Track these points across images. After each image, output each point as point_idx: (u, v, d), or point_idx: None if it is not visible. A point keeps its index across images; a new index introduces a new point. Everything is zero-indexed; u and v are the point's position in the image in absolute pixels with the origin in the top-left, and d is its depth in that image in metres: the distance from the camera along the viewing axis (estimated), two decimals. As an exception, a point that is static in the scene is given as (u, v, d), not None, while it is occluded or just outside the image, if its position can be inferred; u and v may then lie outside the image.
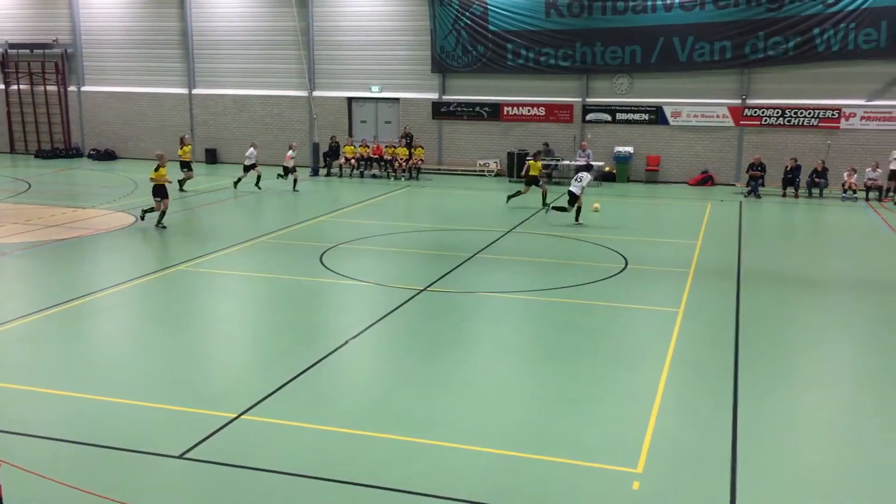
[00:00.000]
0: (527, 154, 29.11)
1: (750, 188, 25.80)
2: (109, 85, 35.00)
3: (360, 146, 30.12)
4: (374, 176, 29.83)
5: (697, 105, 28.37)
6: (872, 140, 26.52)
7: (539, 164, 22.96)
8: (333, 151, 30.59)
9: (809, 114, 27.22)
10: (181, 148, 25.69)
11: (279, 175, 26.26)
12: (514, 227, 20.00)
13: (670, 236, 19.35)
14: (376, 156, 29.96)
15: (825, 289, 14.79)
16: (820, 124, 27.14)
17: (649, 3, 27.81)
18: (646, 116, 29.00)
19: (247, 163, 25.53)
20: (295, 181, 25.81)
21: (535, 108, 30.18)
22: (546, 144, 29.34)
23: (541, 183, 22.85)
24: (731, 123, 28.13)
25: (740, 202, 24.52)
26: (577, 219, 20.42)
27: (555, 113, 29.98)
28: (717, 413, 9.08)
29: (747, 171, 26.32)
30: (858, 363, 11.11)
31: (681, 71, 28.23)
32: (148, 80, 34.36)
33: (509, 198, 23.03)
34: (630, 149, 28.97)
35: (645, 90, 28.92)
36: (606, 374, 10.30)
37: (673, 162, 28.98)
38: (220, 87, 33.55)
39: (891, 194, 24.99)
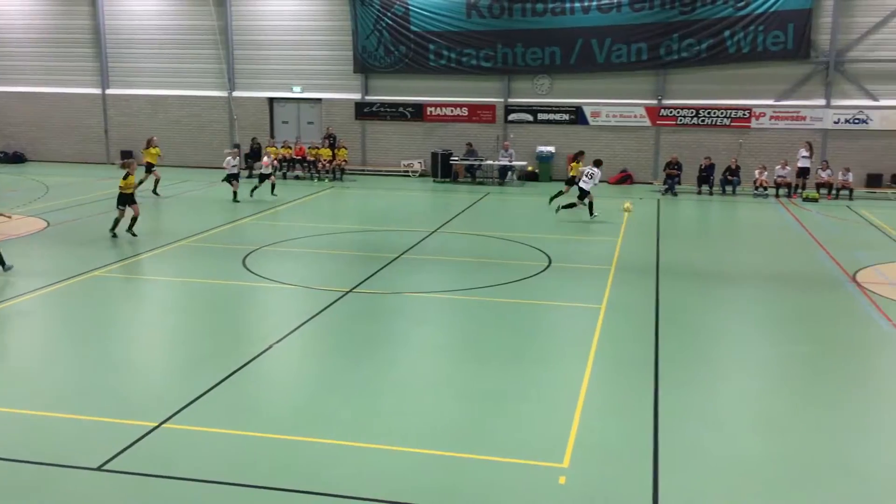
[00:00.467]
0: (451, 154, 29.38)
1: (667, 186, 26.51)
2: (17, 85, 33.60)
3: (283, 147, 29.74)
4: (297, 177, 29.49)
5: (616, 105, 29.00)
6: (781, 139, 27.56)
7: (580, 165, 22.63)
8: (255, 153, 30.11)
9: (722, 114, 28.13)
10: (147, 149, 24.80)
11: (255, 187, 24.08)
12: (440, 228, 20.06)
13: (592, 234, 19.72)
14: (299, 157, 29.63)
15: (740, 282, 15.30)
16: (732, 124, 28.08)
17: (567, 5, 28.28)
18: (566, 116, 29.48)
19: (229, 171, 23.60)
20: (273, 186, 24.22)
21: (459, 109, 30.33)
22: (469, 145, 29.54)
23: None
24: (648, 123, 28.85)
25: (658, 200, 25.16)
26: (591, 213, 21.13)
27: (478, 113, 30.20)
28: (639, 405, 9.29)
29: (664, 170, 27.03)
30: (772, 353, 11.53)
31: (599, 72, 28.80)
32: (58, 80, 33.12)
33: (552, 199, 22.83)
34: (552, 148, 29.40)
35: (565, 91, 29.40)
36: (532, 371, 10.43)
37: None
38: (135, 87, 32.60)
39: (799, 191, 26.03)
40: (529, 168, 29.52)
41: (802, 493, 7.45)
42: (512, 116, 29.91)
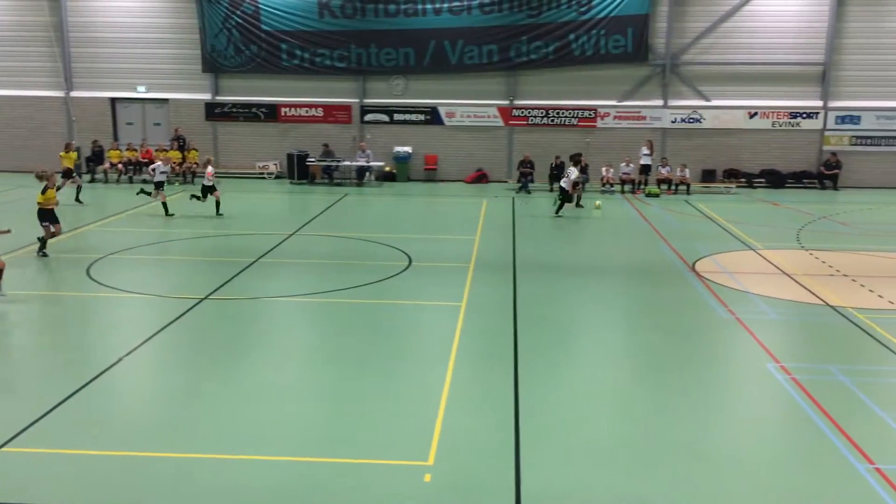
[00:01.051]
0: (307, 155, 29.00)
1: (521, 184, 27.28)
2: None
3: (127, 150, 28.35)
4: (144, 181, 28.14)
5: (470, 106, 29.53)
6: (624, 138, 28.95)
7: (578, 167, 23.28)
8: (97, 156, 28.54)
9: (570, 114, 29.24)
10: (67, 153, 22.77)
11: (194, 196, 21.62)
12: (298, 230, 19.75)
13: (451, 233, 19.99)
14: (146, 160, 28.32)
15: (591, 275, 15.95)
16: (579, 123, 29.24)
17: (419, 6, 28.54)
18: (422, 117, 29.75)
19: (154, 179, 21.25)
20: (217, 203, 21.55)
21: (314, 109, 29.97)
22: (326, 145, 29.25)
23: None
24: (502, 123, 29.57)
25: (513, 198, 25.83)
26: (557, 211, 22.23)
27: (333, 114, 29.94)
28: (500, 399, 9.51)
29: (518, 169, 27.79)
30: (624, 342, 12.11)
31: (452, 73, 29.24)
32: None
33: (577, 205, 23.29)
34: (408, 148, 29.58)
35: (420, 91, 29.66)
36: (395, 371, 10.45)
37: (450, 161, 29.96)
38: (-40, 86, 30.18)
39: (642, 187, 27.42)
40: (387, 168, 29.58)
41: (655, 474, 7.86)
42: (368, 117, 29.86)
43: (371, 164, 28.70)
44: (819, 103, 28.21)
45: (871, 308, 13.37)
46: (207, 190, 21.70)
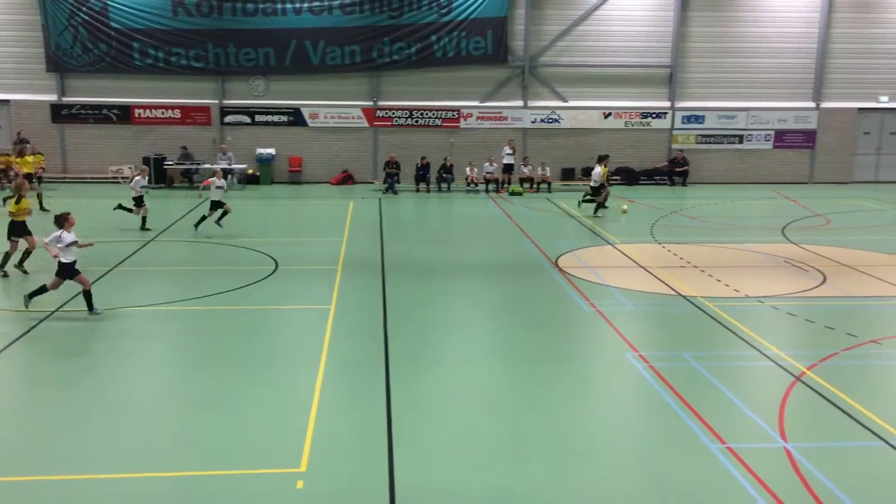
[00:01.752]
0: (165, 158, 27.90)
1: (387, 185, 27.33)
2: None
3: (-36, 155, 26.33)
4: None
5: (333, 107, 29.29)
6: (487, 138, 29.54)
7: (605, 169, 23.15)
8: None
9: (434, 114, 29.54)
10: (21, 157, 20.72)
11: (200, 220, 19.32)
12: (157, 236, 18.97)
13: (317, 235, 19.76)
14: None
15: (459, 273, 16.18)
16: (443, 124, 29.59)
17: (279, 6, 28.04)
18: (285, 118, 29.25)
19: (134, 194, 19.62)
20: (224, 213, 19.41)
21: (170, 111, 28.87)
22: (184, 148, 28.25)
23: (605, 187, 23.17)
24: (366, 124, 29.50)
25: (379, 199, 25.84)
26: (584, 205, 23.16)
27: (191, 115, 28.95)
28: (372, 401, 9.50)
29: (384, 169, 27.81)
30: (492, 338, 12.35)
31: (315, 74, 28.90)
32: None
33: (598, 207, 22.99)
34: (272, 150, 29.01)
35: (282, 92, 29.14)
36: (264, 377, 10.24)
37: (314, 162, 29.61)
38: None
39: (505, 186, 28.05)
40: (250, 171, 28.89)
41: (525, 466, 8.07)
42: (228, 118, 29.06)
43: (233, 166, 27.95)
44: (667, 104, 29.79)
45: (719, 296, 14.25)
46: (217, 204, 19.38)
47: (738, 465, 8.04)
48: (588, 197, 23.31)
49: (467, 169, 28.00)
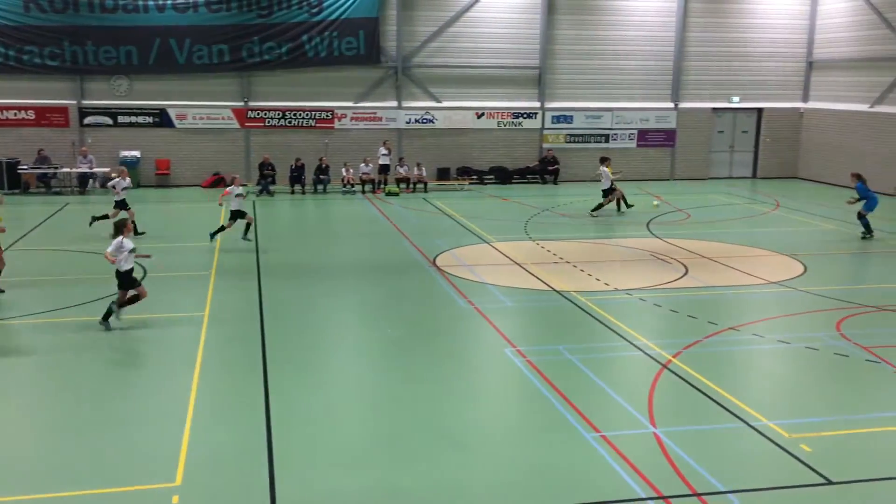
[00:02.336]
0: (19, 162, 26.29)
1: (261, 187, 26.76)
2: None
3: None
4: None
5: (202, 107, 28.39)
6: (362, 138, 29.41)
7: (611, 168, 23.52)
8: None
9: (307, 115, 29.14)
10: None
11: (218, 230, 18.38)
12: (12, 245, 17.80)
13: (189, 240, 19.12)
14: None
15: (338, 275, 16.04)
16: (317, 125, 29.25)
17: (140, 3, 26.92)
18: (150, 119, 28.13)
19: (117, 198, 18.68)
20: (248, 226, 18.62)
21: (24, 112, 27.20)
22: (41, 151, 26.67)
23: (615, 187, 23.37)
24: (237, 125, 28.77)
25: (254, 201, 25.26)
26: (619, 207, 23.45)
27: (47, 116, 27.37)
28: (251, 409, 9.29)
29: (259, 171, 27.20)
30: (372, 339, 12.32)
31: (181, 73, 27.94)
32: None
33: (627, 204, 23.59)
34: (137, 153, 27.83)
35: (147, 92, 28.00)
36: (134, 390, 9.83)
37: (184, 165, 28.62)
38: None
39: (382, 186, 28.04)
40: (114, 175, 27.57)
41: (410, 465, 8.10)
42: (88, 119, 27.66)
43: (95, 170, 26.62)
44: (537, 104, 30.57)
45: (591, 290, 14.77)
46: (239, 215, 18.38)
47: (611, 451, 8.36)
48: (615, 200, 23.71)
49: (343, 170, 27.79)
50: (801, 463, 8.16)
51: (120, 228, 12.26)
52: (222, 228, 18.46)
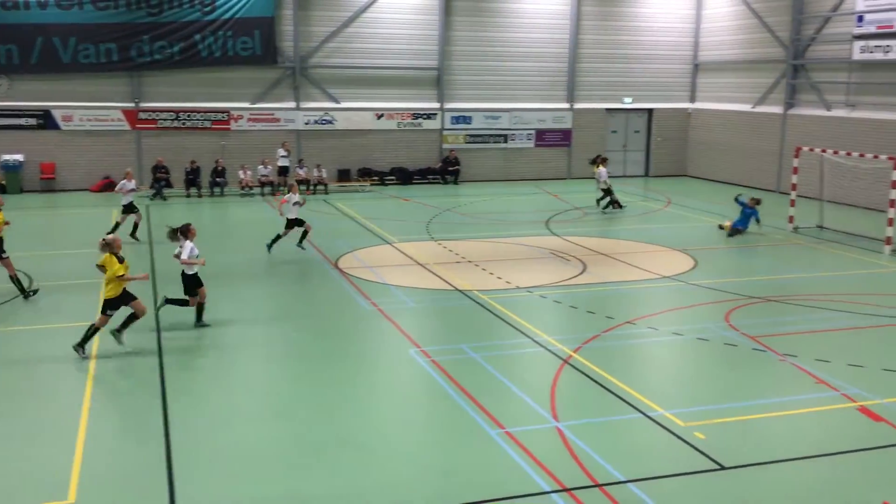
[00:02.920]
0: None
1: (155, 190, 25.90)
2: None
3: None
4: None
5: (90, 108, 27.25)
6: (260, 140, 28.85)
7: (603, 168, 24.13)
8: None
9: (202, 116, 28.38)
10: None
11: (274, 240, 17.75)
12: None
13: (77, 247, 18.30)
14: None
15: (238, 278, 15.69)
16: (213, 126, 28.52)
17: (21, -1, 25.69)
18: (33, 121, 26.79)
19: (125, 201, 18.73)
20: (305, 234, 17.88)
21: None
22: (-89, 155, 25.05)
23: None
24: (128, 127, 27.75)
25: (147, 205, 24.42)
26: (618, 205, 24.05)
27: (-82, 118, 25.76)
28: (147, 417, 8.99)
29: (153, 174, 26.32)
30: (274, 342, 12.11)
31: (66, 73, 26.73)
32: None
33: (607, 204, 23.95)
34: (20, 156, 26.47)
35: (29, 93, 26.66)
36: (23, 405, 9.34)
37: (71, 168, 27.38)
38: None
39: (282, 188, 27.58)
40: (-6, 179, 26.19)
41: (313, 470, 8.01)
42: (-35, 122, 26.16)
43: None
44: (437, 105, 30.73)
45: (493, 289, 14.96)
46: (296, 223, 17.75)
47: (515, 447, 8.49)
48: (607, 198, 23.99)
49: (240, 172, 27.22)
50: (695, 450, 8.50)
51: (185, 233, 12.34)
52: (278, 237, 17.87)
